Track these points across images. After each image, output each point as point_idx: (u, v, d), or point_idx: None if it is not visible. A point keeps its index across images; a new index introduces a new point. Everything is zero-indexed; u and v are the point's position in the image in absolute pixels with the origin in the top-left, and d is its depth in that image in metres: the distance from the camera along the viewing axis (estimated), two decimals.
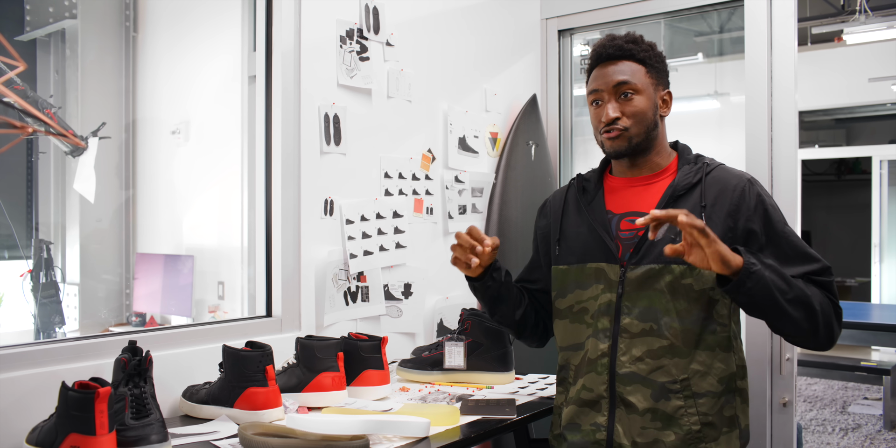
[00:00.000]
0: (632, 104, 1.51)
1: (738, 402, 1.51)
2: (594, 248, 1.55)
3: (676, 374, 1.45)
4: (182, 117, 2.88)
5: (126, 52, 3.00)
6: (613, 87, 1.51)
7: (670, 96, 1.58)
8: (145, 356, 1.39)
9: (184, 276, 2.78)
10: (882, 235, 7.22)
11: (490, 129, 2.57)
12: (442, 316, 2.37)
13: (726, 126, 2.87)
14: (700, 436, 1.45)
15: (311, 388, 1.67)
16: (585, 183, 1.65)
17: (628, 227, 1.53)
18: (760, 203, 1.48)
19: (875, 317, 5.24)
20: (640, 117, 1.51)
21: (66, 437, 1.22)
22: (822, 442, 4.26)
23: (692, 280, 1.45)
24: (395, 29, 2.23)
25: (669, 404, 1.45)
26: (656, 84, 1.55)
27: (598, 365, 1.51)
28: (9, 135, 2.30)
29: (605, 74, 1.53)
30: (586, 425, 1.53)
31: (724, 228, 1.46)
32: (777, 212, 1.50)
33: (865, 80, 6.19)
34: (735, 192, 1.48)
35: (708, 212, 1.47)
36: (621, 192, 1.59)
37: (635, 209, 1.54)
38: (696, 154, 1.60)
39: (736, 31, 2.65)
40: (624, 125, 1.51)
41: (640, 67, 1.52)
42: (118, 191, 2.96)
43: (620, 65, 1.52)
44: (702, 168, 1.53)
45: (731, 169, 1.56)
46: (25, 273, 2.58)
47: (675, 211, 1.28)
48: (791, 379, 2.12)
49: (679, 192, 1.50)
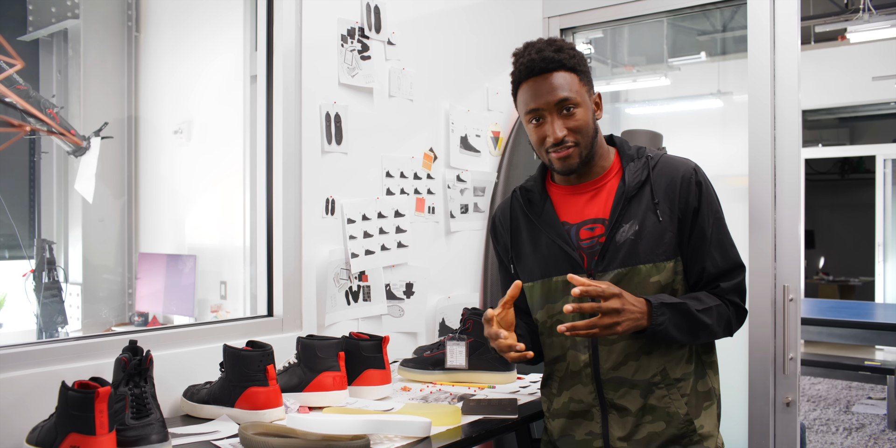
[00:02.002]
0: (575, 118, 1.46)
1: (710, 374, 1.55)
2: (557, 261, 1.52)
3: (656, 368, 1.48)
4: (184, 117, 2.88)
5: (128, 52, 3.00)
6: (555, 105, 1.45)
7: (600, 98, 1.55)
8: (146, 356, 1.39)
9: (186, 276, 2.78)
10: (886, 235, 7.19)
11: (492, 128, 2.57)
12: (444, 315, 2.37)
13: (729, 125, 2.86)
14: (688, 417, 1.48)
15: (312, 388, 1.67)
16: (529, 194, 1.61)
17: (588, 235, 1.51)
18: (698, 193, 1.49)
19: (879, 316, 5.22)
20: (584, 130, 1.48)
21: (66, 437, 1.22)
22: (825, 442, 4.25)
23: (659, 277, 1.47)
24: (396, 28, 2.23)
25: (655, 396, 1.48)
26: (589, 90, 1.51)
27: (582, 376, 1.52)
28: (8, 134, 2.30)
29: (541, 91, 1.46)
30: (581, 435, 1.53)
31: (675, 221, 1.48)
32: (711, 203, 1.51)
33: (869, 78, 6.17)
34: (683, 183, 1.49)
35: (661, 207, 1.48)
36: (570, 200, 1.56)
37: (592, 216, 1.52)
38: (636, 147, 1.58)
39: (739, 29, 2.64)
40: (572, 141, 1.47)
41: (574, 77, 1.47)
42: (120, 190, 2.96)
43: (554, 78, 1.45)
44: (646, 163, 1.52)
45: (673, 158, 1.55)
46: (28, 273, 2.58)
47: (598, 287, 1.33)
48: (794, 378, 2.11)
49: (631, 192, 1.49)
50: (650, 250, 1.46)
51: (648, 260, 1.46)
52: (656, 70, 3.34)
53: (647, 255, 1.46)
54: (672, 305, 1.41)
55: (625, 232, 1.47)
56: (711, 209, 1.50)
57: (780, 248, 2.14)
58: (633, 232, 1.47)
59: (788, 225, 2.14)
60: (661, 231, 1.47)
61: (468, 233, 2.49)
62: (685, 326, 1.42)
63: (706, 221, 1.49)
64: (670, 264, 1.48)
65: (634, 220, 1.47)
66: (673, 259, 1.48)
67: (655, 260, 1.46)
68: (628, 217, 1.48)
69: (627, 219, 1.48)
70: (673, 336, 1.41)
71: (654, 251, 1.46)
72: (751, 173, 2.19)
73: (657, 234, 1.46)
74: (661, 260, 1.47)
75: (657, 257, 1.46)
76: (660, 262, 1.47)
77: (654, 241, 1.46)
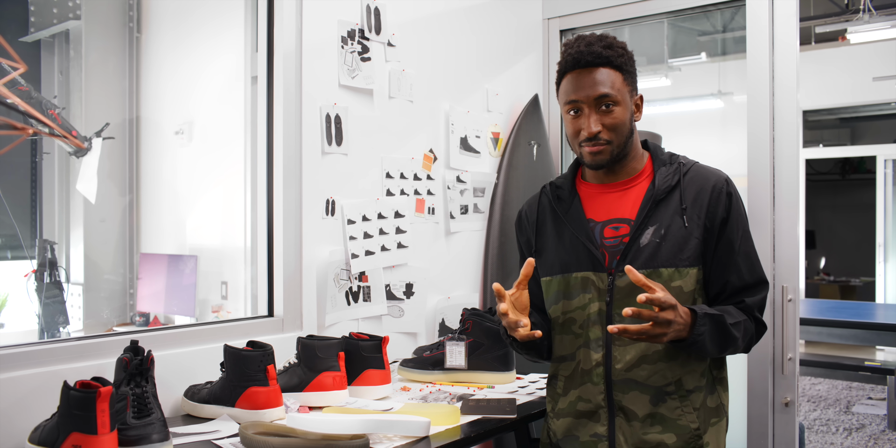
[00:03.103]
0: (612, 116, 1.48)
1: (720, 391, 1.54)
2: (579, 258, 1.53)
3: (671, 377, 1.46)
4: (185, 117, 2.88)
5: (129, 53, 3.01)
6: (595, 99, 1.47)
7: (642, 100, 1.56)
8: (147, 356, 1.40)
9: (187, 276, 2.78)
10: (887, 235, 7.19)
11: (492, 129, 2.57)
12: (443, 316, 2.38)
13: (730, 126, 2.87)
14: (699, 432, 1.46)
15: (312, 388, 1.67)
16: (559, 191, 1.63)
17: (612, 234, 1.52)
18: (728, 204, 1.49)
19: (879, 316, 5.22)
20: (620, 129, 1.49)
21: (68, 437, 1.23)
22: (825, 442, 4.25)
23: (682, 282, 1.46)
24: (396, 29, 2.23)
25: (666, 406, 1.46)
26: (631, 90, 1.52)
27: (593, 375, 1.51)
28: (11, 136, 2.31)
29: (583, 85, 1.47)
30: (585, 436, 1.52)
31: (701, 228, 1.47)
32: (740, 215, 1.51)
33: (870, 79, 6.18)
34: (714, 192, 1.49)
35: (689, 213, 1.47)
36: (599, 198, 1.57)
37: (618, 216, 1.52)
38: (669, 153, 1.59)
39: (739, 30, 2.64)
40: (606, 138, 1.48)
41: (618, 75, 1.48)
42: (121, 191, 2.97)
43: (598, 73, 1.47)
44: (678, 169, 1.52)
45: (705, 167, 1.56)
46: (30, 273, 2.59)
47: (660, 297, 1.31)
48: (793, 378, 2.12)
49: (660, 195, 1.50)
50: (673, 255, 1.45)
51: (671, 264, 1.45)
52: (657, 70, 3.34)
53: (669, 259, 1.45)
54: (712, 317, 1.40)
55: (649, 234, 1.47)
56: (740, 222, 1.50)
57: (779, 248, 2.15)
58: (658, 235, 1.46)
59: (787, 225, 2.15)
60: (685, 237, 1.46)
61: (468, 233, 2.50)
62: (718, 339, 1.41)
63: (734, 233, 1.48)
64: (693, 271, 1.46)
65: (660, 224, 1.47)
66: (696, 267, 1.47)
67: (678, 265, 1.46)
68: (654, 220, 1.48)
69: (653, 221, 1.48)
70: (706, 348, 1.40)
71: (678, 256, 1.46)
72: (750, 174, 2.20)
73: (681, 239, 1.46)
74: (685, 265, 1.46)
75: (680, 262, 1.46)
76: (683, 268, 1.46)
77: (677, 246, 1.46)
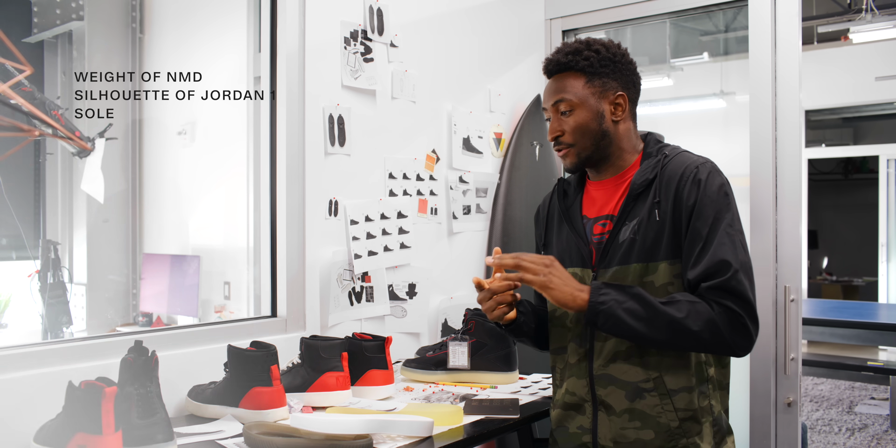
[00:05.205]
0: (570, 120, 1.52)
1: (710, 390, 1.48)
2: (571, 253, 1.56)
3: (647, 374, 1.45)
4: (188, 118, 2.89)
5: (132, 53, 3.01)
6: (552, 106, 1.54)
7: (625, 98, 1.53)
8: (151, 356, 1.40)
9: (190, 277, 2.79)
10: (889, 235, 7.18)
11: (494, 129, 2.58)
12: (446, 316, 2.38)
13: (732, 125, 2.86)
14: (680, 432, 1.44)
15: (316, 388, 1.68)
16: (567, 187, 1.66)
17: (600, 230, 1.53)
18: (696, 190, 1.43)
19: (882, 316, 5.21)
20: (580, 132, 1.51)
21: (74, 436, 1.23)
22: (828, 442, 4.25)
23: (652, 277, 1.46)
24: (399, 30, 2.24)
25: (645, 403, 1.45)
26: (601, 91, 1.51)
27: (578, 368, 1.53)
28: (16, 138, 2.32)
29: (547, 92, 1.56)
30: (573, 428, 1.55)
31: (672, 220, 1.44)
32: (713, 202, 1.42)
33: (872, 78, 6.17)
34: (682, 181, 1.44)
35: (661, 206, 1.45)
36: (594, 195, 1.60)
37: (606, 213, 1.54)
38: (660, 145, 1.56)
39: (741, 30, 2.64)
40: (568, 142, 1.53)
41: (580, 80, 1.52)
42: (125, 191, 2.98)
43: (559, 80, 1.54)
44: (660, 161, 1.50)
45: (687, 156, 1.51)
46: (33, 273, 2.59)
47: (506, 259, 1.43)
48: (795, 378, 2.12)
49: (637, 190, 1.49)
50: (646, 250, 1.45)
51: (640, 259, 1.45)
52: (659, 70, 3.34)
53: (640, 255, 1.45)
54: (619, 287, 1.40)
55: (627, 230, 1.48)
56: (710, 208, 1.41)
57: (782, 248, 2.15)
58: (633, 231, 1.47)
59: (790, 225, 2.15)
60: (659, 231, 1.45)
61: (471, 234, 2.50)
62: (643, 314, 1.36)
63: (701, 220, 1.41)
64: (663, 265, 1.44)
65: (637, 219, 1.48)
66: (667, 260, 1.44)
67: (648, 260, 1.45)
68: (633, 215, 1.48)
69: (632, 217, 1.48)
70: (627, 322, 1.36)
71: (649, 251, 1.45)
72: (752, 173, 2.20)
73: (653, 234, 1.45)
74: (656, 260, 1.45)
75: (650, 257, 1.45)
76: (652, 263, 1.45)
77: (650, 241, 1.45)
